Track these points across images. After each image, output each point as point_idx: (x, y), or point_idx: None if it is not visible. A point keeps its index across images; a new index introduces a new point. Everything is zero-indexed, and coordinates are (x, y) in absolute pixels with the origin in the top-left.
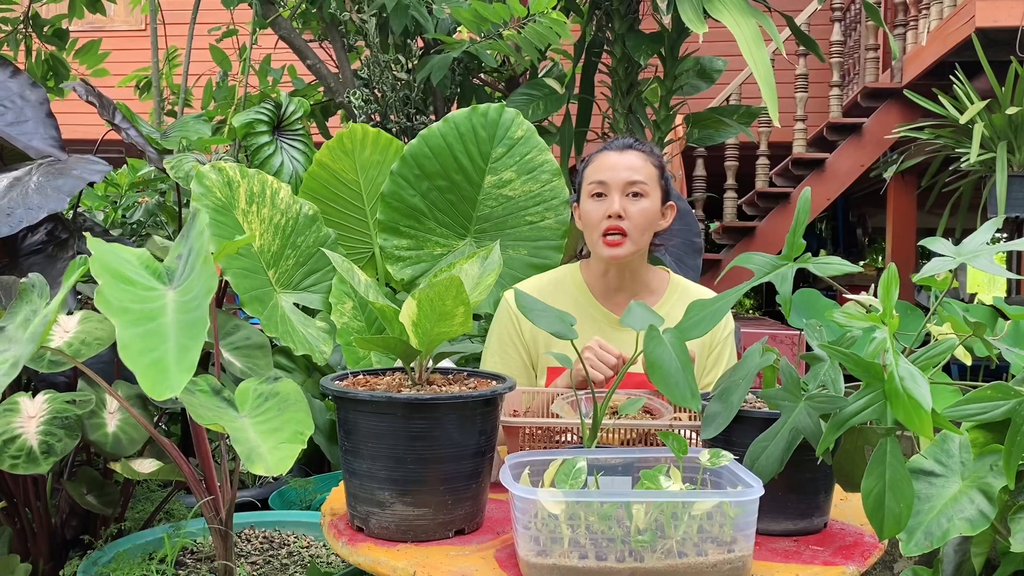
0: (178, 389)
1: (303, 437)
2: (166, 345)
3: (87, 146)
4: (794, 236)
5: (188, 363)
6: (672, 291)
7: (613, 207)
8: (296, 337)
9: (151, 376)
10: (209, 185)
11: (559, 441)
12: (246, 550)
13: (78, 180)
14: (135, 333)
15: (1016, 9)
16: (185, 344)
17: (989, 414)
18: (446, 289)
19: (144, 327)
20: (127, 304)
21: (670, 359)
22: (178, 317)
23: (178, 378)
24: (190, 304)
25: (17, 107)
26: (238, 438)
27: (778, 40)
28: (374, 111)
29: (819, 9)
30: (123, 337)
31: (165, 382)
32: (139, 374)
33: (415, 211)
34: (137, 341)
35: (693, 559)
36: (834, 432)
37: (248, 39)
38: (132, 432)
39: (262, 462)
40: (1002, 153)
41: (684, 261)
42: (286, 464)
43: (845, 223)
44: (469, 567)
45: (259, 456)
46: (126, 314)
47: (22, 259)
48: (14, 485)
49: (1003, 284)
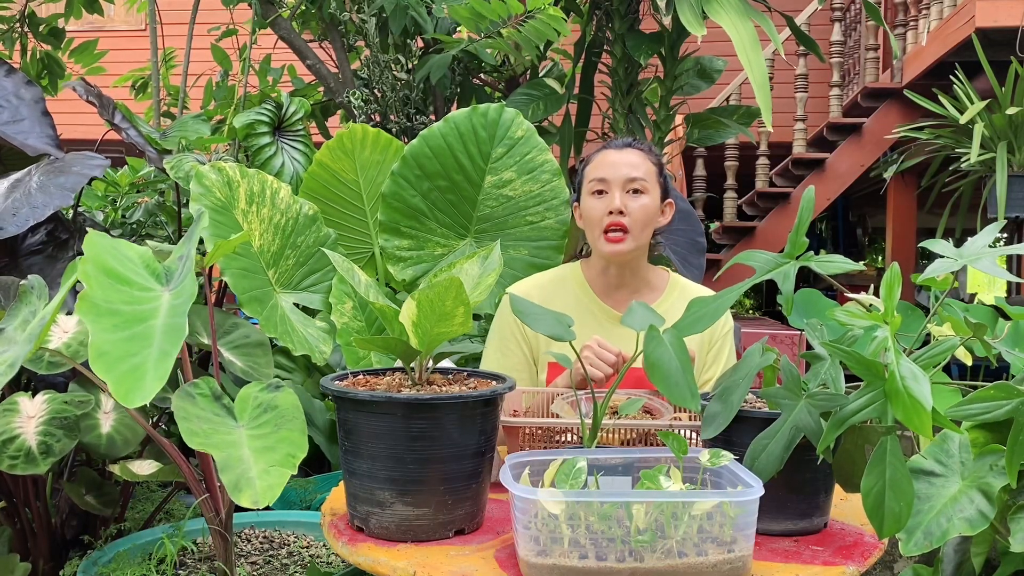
0: (150, 397)
1: (295, 461)
2: (148, 350)
3: (85, 146)
4: (797, 234)
5: (164, 370)
6: (672, 289)
7: (614, 203)
8: (296, 337)
9: (126, 383)
10: (209, 185)
11: (559, 441)
12: (246, 550)
13: (80, 176)
14: (118, 338)
15: (1016, 9)
16: (166, 350)
17: (992, 414)
18: (446, 289)
19: (130, 331)
20: (117, 306)
21: (670, 359)
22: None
23: (152, 385)
24: (180, 308)
25: (12, 106)
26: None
27: (777, 40)
28: (374, 111)
29: (819, 9)
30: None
31: (140, 390)
32: (113, 381)
33: (416, 211)
34: (118, 346)
35: (693, 559)
36: (835, 430)
37: (248, 39)
38: (126, 433)
39: (250, 489)
40: (1002, 153)
41: (689, 260)
42: (274, 493)
43: (845, 223)
44: (469, 567)
45: (248, 482)
46: (113, 316)
47: (22, 259)
48: (14, 485)
49: (1003, 285)
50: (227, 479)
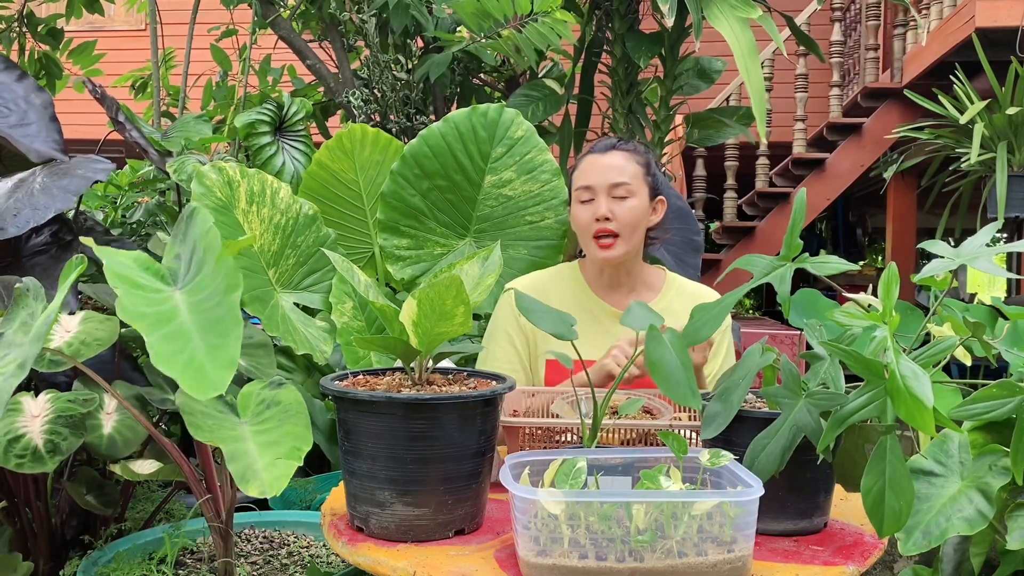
0: (222, 387)
1: (300, 453)
2: (191, 345)
3: (83, 146)
4: (791, 236)
5: (224, 360)
6: (669, 288)
7: (600, 210)
8: (296, 337)
9: (190, 377)
10: (209, 185)
11: (559, 441)
12: (246, 550)
13: (83, 179)
14: (158, 336)
15: (1016, 9)
16: (214, 342)
17: (995, 412)
18: (446, 289)
19: (164, 329)
20: (141, 308)
21: (671, 359)
22: (195, 317)
23: (217, 375)
24: (206, 303)
25: (21, 110)
26: (235, 454)
27: (778, 40)
28: (374, 111)
29: (819, 9)
30: (150, 343)
31: (206, 381)
32: (178, 377)
33: (415, 211)
34: (163, 344)
35: (693, 559)
36: (835, 429)
37: (248, 39)
38: (128, 433)
39: (257, 480)
40: (1002, 153)
41: (684, 260)
42: (281, 484)
43: (845, 223)
44: (469, 567)
45: (254, 474)
46: (143, 319)
47: (26, 260)
48: (15, 484)
49: (1003, 284)
50: (234, 469)
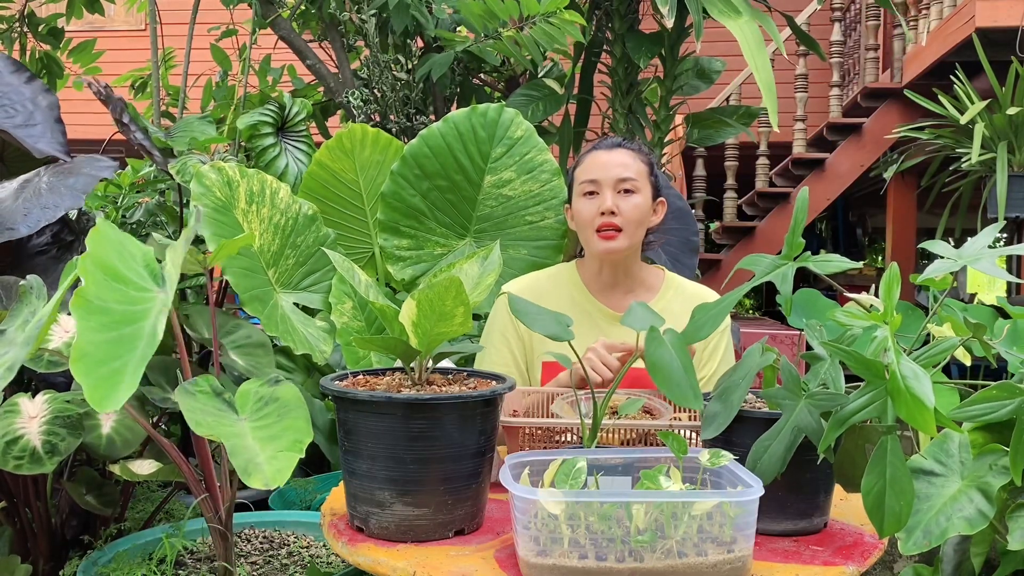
0: (120, 404)
1: (301, 446)
2: (131, 354)
3: (83, 146)
4: (793, 235)
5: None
6: (667, 288)
7: (606, 204)
8: (296, 336)
9: (103, 388)
10: (209, 185)
11: (559, 441)
12: (246, 550)
13: (90, 178)
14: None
15: (1016, 9)
16: (145, 354)
17: (995, 413)
18: (446, 289)
19: (118, 332)
20: (110, 304)
21: (671, 359)
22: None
23: (126, 392)
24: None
25: (28, 110)
26: (235, 448)
27: (778, 40)
28: (374, 111)
29: (819, 9)
30: (85, 344)
31: (114, 395)
32: (89, 385)
33: (415, 211)
34: (101, 348)
35: (693, 559)
36: (836, 429)
37: (248, 39)
38: (127, 434)
39: (259, 473)
40: (1002, 153)
41: (680, 260)
42: (284, 475)
43: (845, 223)
44: (469, 567)
45: (256, 467)
46: (103, 315)
47: (27, 260)
48: (14, 485)
49: (1003, 285)
50: (236, 462)
